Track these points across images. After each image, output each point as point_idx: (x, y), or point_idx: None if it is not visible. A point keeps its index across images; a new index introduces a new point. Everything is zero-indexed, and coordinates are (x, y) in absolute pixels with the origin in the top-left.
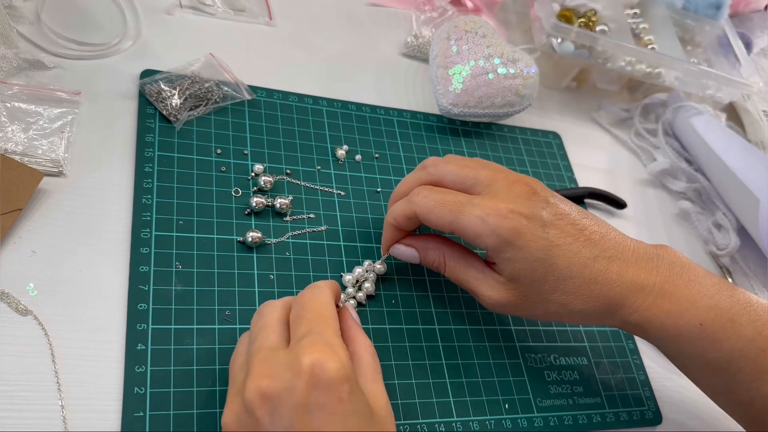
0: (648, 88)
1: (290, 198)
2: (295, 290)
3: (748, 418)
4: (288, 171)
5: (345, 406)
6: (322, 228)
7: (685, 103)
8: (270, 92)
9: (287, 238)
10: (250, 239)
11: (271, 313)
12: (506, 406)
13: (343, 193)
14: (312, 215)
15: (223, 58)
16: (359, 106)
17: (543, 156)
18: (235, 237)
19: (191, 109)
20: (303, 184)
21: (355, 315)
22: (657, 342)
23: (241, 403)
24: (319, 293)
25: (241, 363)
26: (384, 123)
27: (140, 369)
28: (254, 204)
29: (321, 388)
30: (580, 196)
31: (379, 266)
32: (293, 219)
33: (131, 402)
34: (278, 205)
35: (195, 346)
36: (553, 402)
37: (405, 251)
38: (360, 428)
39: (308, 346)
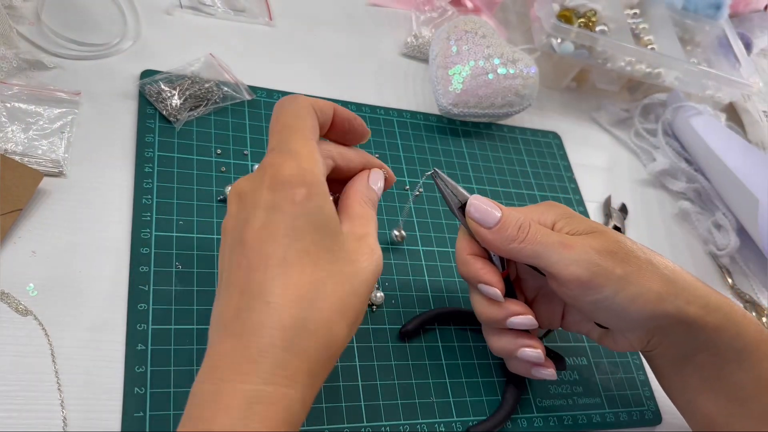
0: (648, 88)
1: None
2: None
3: None
4: None
5: (296, 207)
6: None
7: (685, 103)
8: (270, 92)
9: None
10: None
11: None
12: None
13: None
14: None
15: (223, 58)
16: (359, 106)
17: (543, 156)
18: None
19: (191, 110)
20: None
21: (375, 180)
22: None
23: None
24: (291, 102)
25: None
26: (384, 123)
27: (140, 369)
28: (227, 191)
29: (276, 188)
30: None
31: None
32: None
33: (131, 402)
34: None
35: (195, 347)
36: (553, 402)
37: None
38: (307, 231)
39: (273, 156)
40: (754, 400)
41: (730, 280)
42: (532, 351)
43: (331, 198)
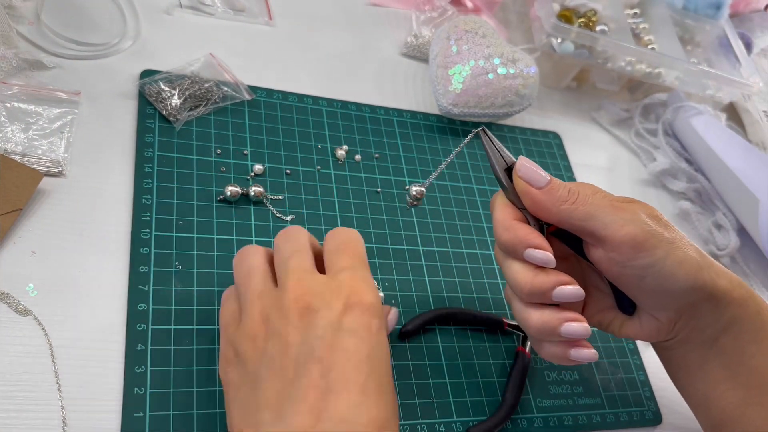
0: (648, 88)
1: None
2: None
3: None
4: (288, 171)
5: (373, 337)
6: (288, 218)
7: (686, 103)
8: (270, 92)
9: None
10: (228, 193)
11: (301, 235)
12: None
13: (292, 218)
14: (280, 197)
15: (223, 58)
16: (359, 106)
17: (543, 156)
18: (234, 237)
19: (191, 110)
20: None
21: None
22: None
23: (278, 310)
24: (358, 238)
25: (264, 275)
26: (384, 123)
27: (140, 369)
28: (228, 192)
29: (356, 313)
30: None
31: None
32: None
33: (131, 402)
34: (252, 193)
35: (195, 347)
36: (553, 402)
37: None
38: (379, 363)
39: (350, 277)
40: None
41: None
42: (578, 325)
43: None
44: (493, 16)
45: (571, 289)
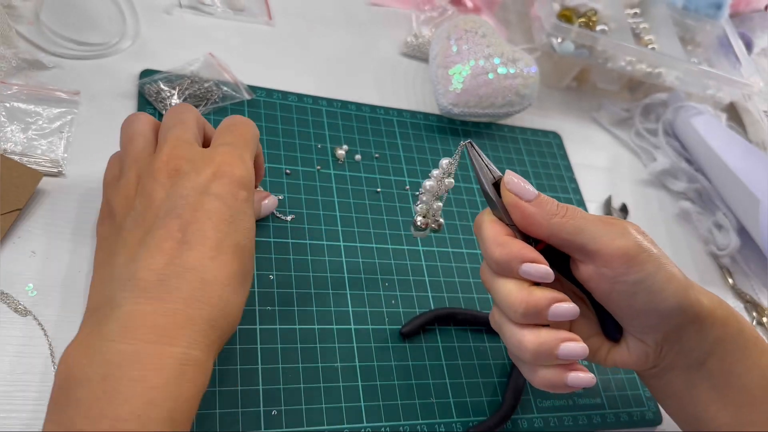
0: (648, 88)
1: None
2: (294, 291)
3: None
4: (288, 171)
5: (239, 205)
6: (288, 218)
7: (686, 103)
8: (269, 92)
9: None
10: None
11: (189, 112)
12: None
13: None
14: (280, 197)
15: (223, 57)
16: (359, 105)
17: (543, 156)
18: None
19: None
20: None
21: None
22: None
23: (149, 172)
24: (248, 123)
25: (146, 141)
26: (384, 123)
27: None
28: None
29: (224, 181)
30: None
31: (450, 179)
32: (288, 219)
33: None
34: None
35: None
36: (553, 402)
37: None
38: (241, 230)
39: (226, 151)
40: (763, 403)
41: (730, 280)
42: (577, 345)
43: None
44: (494, 15)
45: (568, 307)
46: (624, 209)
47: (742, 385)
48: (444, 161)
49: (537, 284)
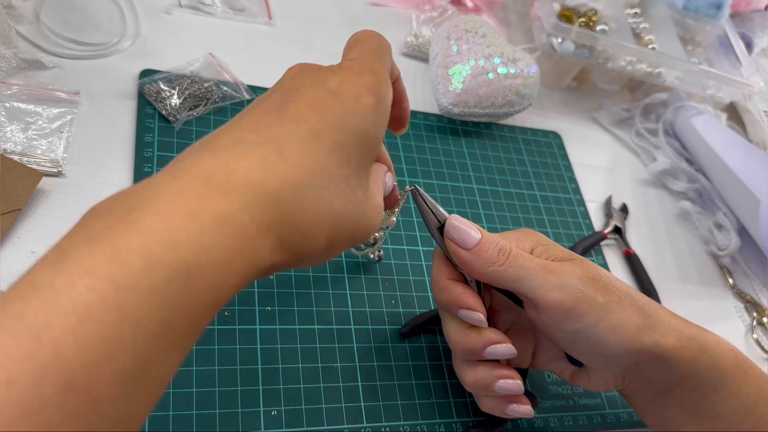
0: (648, 88)
1: None
2: (294, 291)
3: None
4: None
5: (357, 108)
6: None
7: (686, 102)
8: None
9: None
10: None
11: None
12: None
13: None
14: None
15: (223, 57)
16: None
17: (543, 156)
18: None
19: (191, 109)
20: None
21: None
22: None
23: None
24: (373, 35)
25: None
26: None
27: None
28: None
29: (349, 82)
30: None
31: (393, 218)
32: None
33: None
34: None
35: (194, 347)
36: (554, 402)
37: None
38: (355, 136)
39: (351, 64)
40: (738, 428)
41: (730, 281)
42: (512, 382)
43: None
44: (494, 15)
45: (503, 348)
46: (624, 209)
47: (717, 413)
48: None
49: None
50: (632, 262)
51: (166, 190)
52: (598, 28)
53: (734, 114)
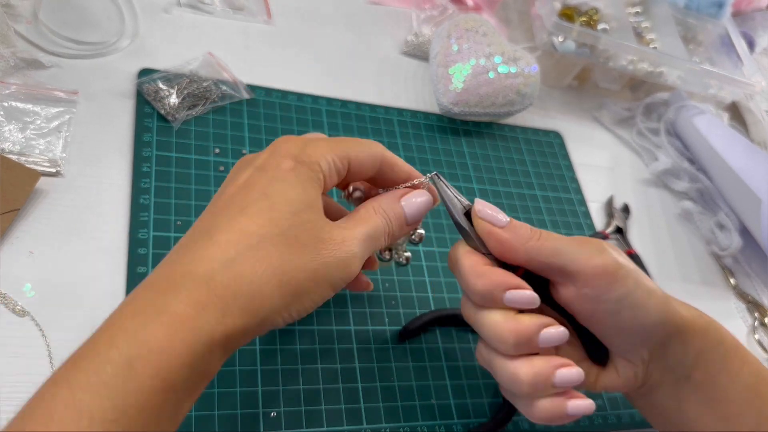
0: (650, 87)
1: None
2: None
3: None
4: None
5: (279, 173)
6: None
7: (688, 102)
8: (269, 91)
9: None
10: None
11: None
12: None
13: None
14: None
15: (222, 56)
16: (359, 105)
17: (544, 155)
18: None
19: (189, 109)
20: None
21: (411, 197)
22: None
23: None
24: (357, 140)
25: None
26: (384, 122)
27: None
28: None
29: (271, 155)
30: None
31: (420, 231)
32: None
33: None
34: None
35: None
36: None
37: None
38: (280, 196)
39: (289, 139)
40: (745, 413)
41: (732, 281)
42: (573, 370)
43: (320, 186)
44: (494, 14)
45: (557, 331)
46: (626, 209)
47: (727, 398)
48: None
49: (521, 311)
50: (634, 262)
51: (126, 302)
52: (600, 27)
53: (736, 113)
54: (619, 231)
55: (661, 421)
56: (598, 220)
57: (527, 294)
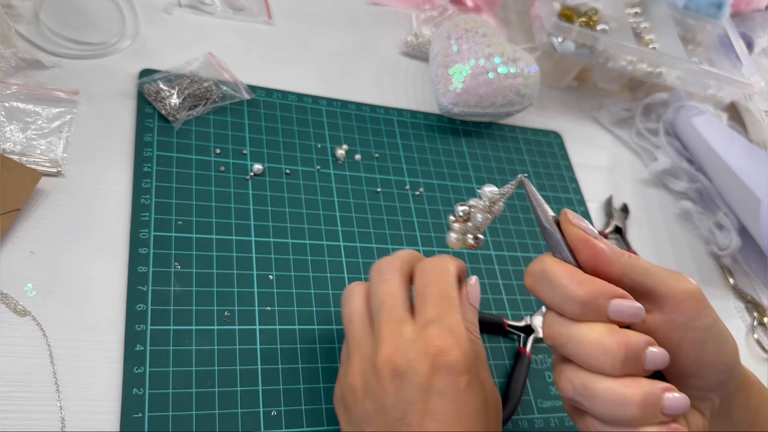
0: (649, 88)
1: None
2: (294, 291)
3: None
4: (287, 171)
5: (461, 395)
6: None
7: (687, 102)
8: (269, 92)
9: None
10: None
11: (393, 274)
12: None
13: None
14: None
15: (222, 57)
16: (359, 105)
17: (544, 156)
18: (233, 237)
19: (190, 109)
20: None
21: (474, 294)
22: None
23: (371, 368)
24: (445, 270)
25: (363, 321)
26: (384, 123)
27: (139, 370)
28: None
29: (442, 374)
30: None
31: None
32: None
33: (130, 403)
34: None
35: (194, 347)
36: (554, 403)
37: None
38: (471, 417)
39: (436, 335)
40: None
41: (731, 281)
42: (681, 396)
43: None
44: (494, 15)
45: (661, 351)
46: (625, 209)
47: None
48: (488, 189)
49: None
50: None
51: None
52: (599, 27)
53: (735, 114)
54: (618, 231)
55: None
56: (598, 220)
57: (635, 304)
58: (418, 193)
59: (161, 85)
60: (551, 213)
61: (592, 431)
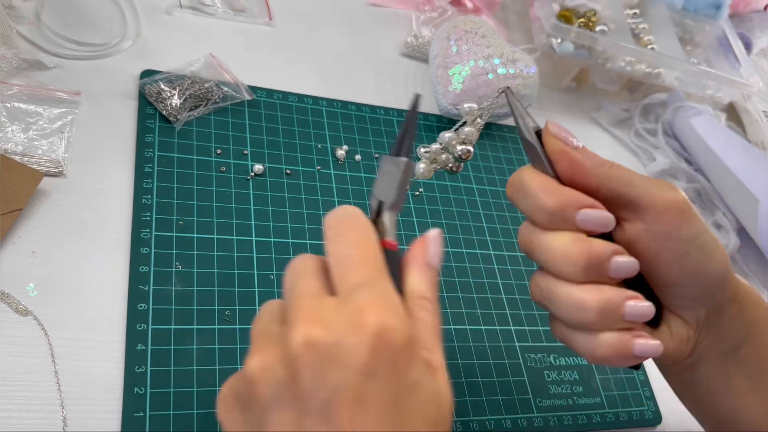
0: (648, 88)
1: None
2: None
3: None
4: (288, 171)
5: (399, 381)
6: None
7: (685, 103)
8: (270, 92)
9: None
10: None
11: (306, 261)
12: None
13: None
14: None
15: (223, 58)
16: (359, 106)
17: None
18: (234, 237)
19: (191, 110)
20: None
21: (435, 251)
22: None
23: (280, 352)
24: (367, 227)
25: (269, 318)
26: (384, 123)
27: (140, 369)
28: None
29: (386, 356)
30: None
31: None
32: None
33: (131, 402)
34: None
35: (195, 347)
36: (553, 402)
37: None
38: (413, 405)
39: (370, 304)
40: None
41: None
42: (643, 304)
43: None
44: (493, 16)
45: (628, 260)
46: None
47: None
48: (467, 105)
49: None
50: None
51: None
52: (598, 28)
53: (733, 114)
54: None
55: (704, 397)
56: None
57: (603, 214)
58: (417, 193)
59: (162, 86)
60: (533, 124)
61: (558, 335)
